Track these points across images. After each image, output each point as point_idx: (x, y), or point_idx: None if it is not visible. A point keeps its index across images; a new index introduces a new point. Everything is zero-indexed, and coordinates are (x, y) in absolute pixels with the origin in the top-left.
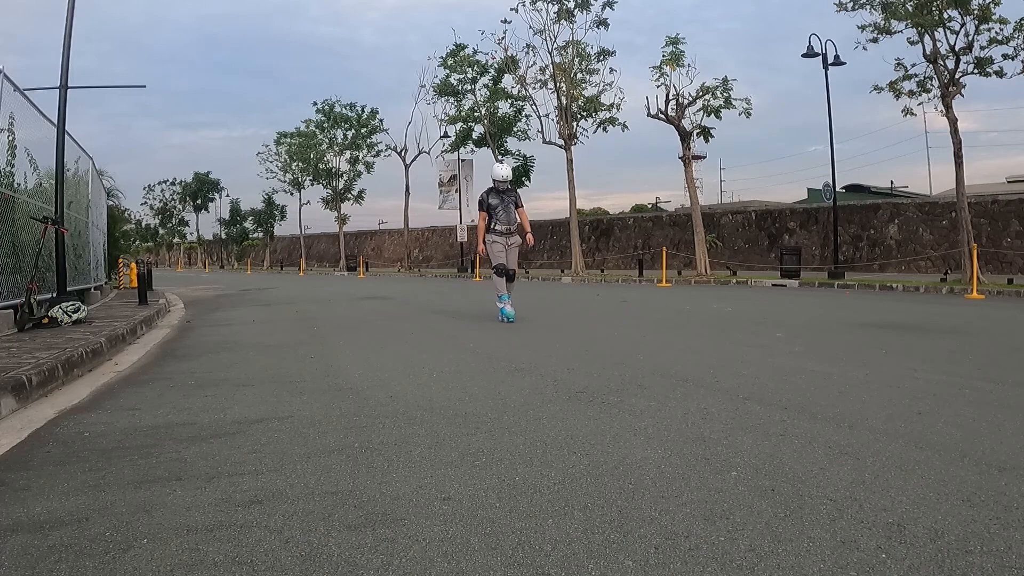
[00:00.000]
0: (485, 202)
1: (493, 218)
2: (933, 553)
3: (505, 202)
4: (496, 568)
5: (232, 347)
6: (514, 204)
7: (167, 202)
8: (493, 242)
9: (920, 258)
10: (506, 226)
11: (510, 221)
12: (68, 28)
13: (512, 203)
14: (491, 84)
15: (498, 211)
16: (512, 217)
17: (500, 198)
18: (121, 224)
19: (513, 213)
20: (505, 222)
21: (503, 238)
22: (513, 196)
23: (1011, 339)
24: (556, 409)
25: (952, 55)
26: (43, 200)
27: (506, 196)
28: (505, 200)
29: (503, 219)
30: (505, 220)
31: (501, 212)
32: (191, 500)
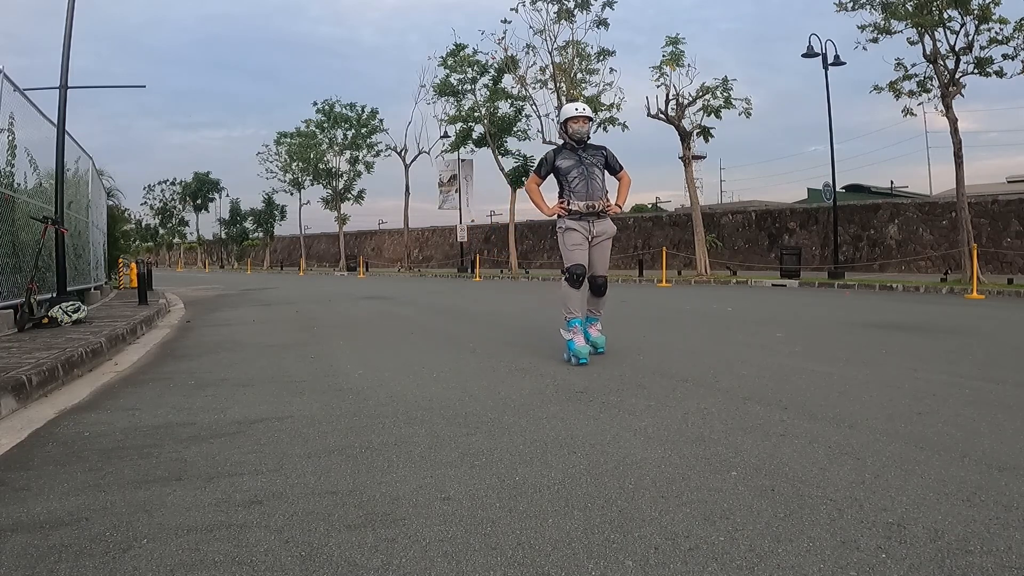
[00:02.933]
0: (548, 163)
1: (566, 189)
2: (933, 553)
3: (585, 164)
4: (496, 568)
5: (232, 347)
6: (602, 167)
7: (167, 202)
8: (567, 230)
9: (920, 258)
10: (589, 202)
11: (595, 194)
12: (68, 28)
13: (599, 165)
14: (491, 84)
15: (574, 179)
16: (598, 187)
17: (577, 158)
18: (121, 224)
19: (600, 181)
20: (586, 195)
21: (585, 224)
22: (600, 154)
23: (1011, 339)
24: (556, 409)
25: (952, 55)
26: (43, 200)
27: (587, 155)
28: (585, 161)
29: (582, 192)
30: (586, 193)
31: (579, 181)
32: (191, 500)
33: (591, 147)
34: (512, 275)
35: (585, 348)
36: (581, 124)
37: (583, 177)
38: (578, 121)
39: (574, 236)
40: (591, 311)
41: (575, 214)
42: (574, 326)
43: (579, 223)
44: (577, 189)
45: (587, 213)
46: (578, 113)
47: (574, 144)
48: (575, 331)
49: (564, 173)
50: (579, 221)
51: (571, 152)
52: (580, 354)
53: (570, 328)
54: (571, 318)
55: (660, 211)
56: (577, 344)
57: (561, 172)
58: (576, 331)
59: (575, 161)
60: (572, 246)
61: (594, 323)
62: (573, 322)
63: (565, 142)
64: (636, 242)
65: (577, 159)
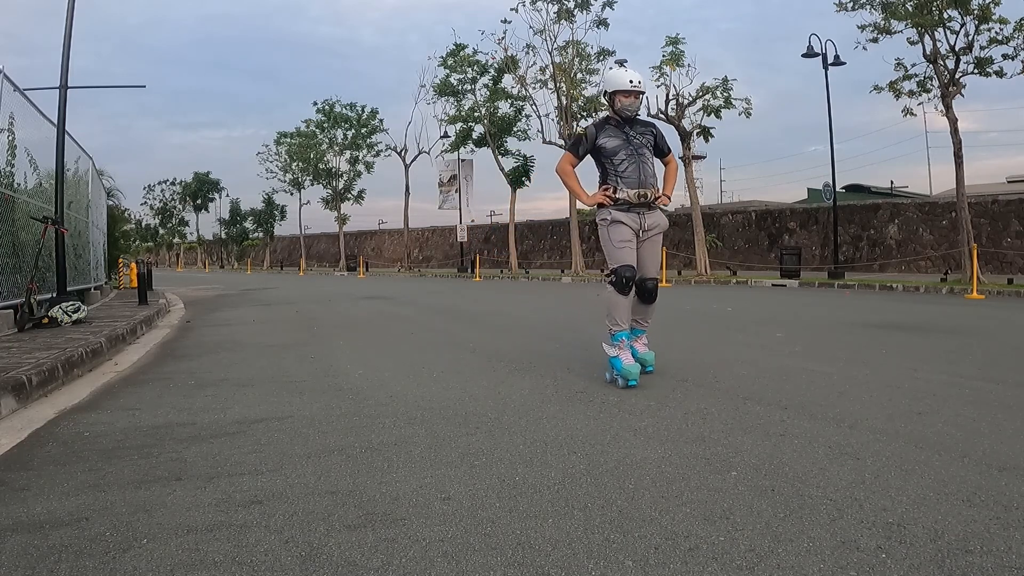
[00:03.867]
0: (590, 140)
1: (612, 173)
2: (933, 553)
3: (634, 145)
4: (496, 568)
5: (232, 347)
6: (651, 147)
7: (167, 202)
8: (613, 223)
9: (920, 258)
10: (641, 189)
11: (647, 180)
12: (68, 28)
13: (648, 146)
14: (491, 84)
15: (621, 162)
16: (650, 172)
17: (624, 137)
18: (121, 224)
19: (651, 165)
20: (636, 182)
21: (635, 216)
22: (649, 133)
23: (1011, 339)
24: (556, 409)
25: (952, 55)
26: (43, 200)
27: (635, 133)
28: (633, 142)
29: (633, 177)
30: (636, 179)
31: (628, 164)
32: (191, 500)
33: (639, 123)
34: (512, 275)
35: (635, 368)
36: (632, 100)
37: (632, 159)
38: (629, 96)
39: (622, 231)
40: (637, 321)
41: (622, 204)
42: (620, 340)
43: (627, 215)
44: (626, 173)
45: (637, 203)
46: (632, 87)
47: (619, 120)
48: (622, 347)
49: (609, 154)
50: (627, 212)
51: (616, 129)
52: (629, 375)
53: (615, 343)
54: (617, 331)
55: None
56: (625, 362)
57: (605, 152)
58: (623, 347)
59: (622, 140)
60: (620, 243)
61: (640, 336)
62: (619, 335)
63: (609, 116)
64: None
65: (625, 138)
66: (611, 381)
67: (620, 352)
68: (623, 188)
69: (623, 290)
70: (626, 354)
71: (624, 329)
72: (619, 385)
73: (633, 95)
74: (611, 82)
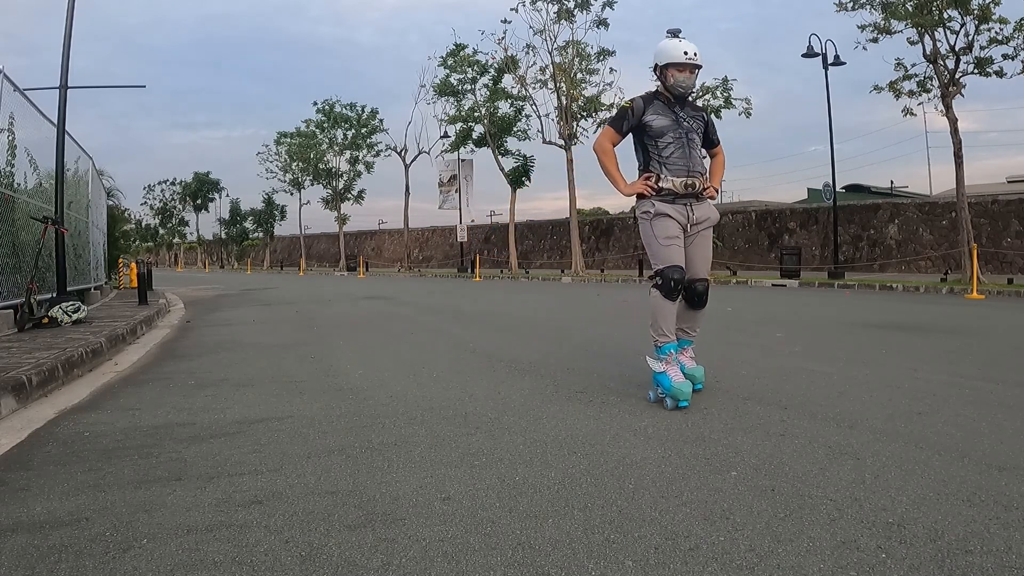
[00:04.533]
0: (636, 115)
1: (656, 158)
2: (933, 553)
3: (684, 128)
4: (496, 568)
5: (232, 347)
6: (701, 132)
7: (167, 202)
8: (658, 216)
9: (920, 258)
10: (689, 179)
11: (696, 167)
12: (68, 28)
13: (698, 131)
14: (491, 84)
15: (667, 145)
16: (699, 159)
17: (674, 117)
18: (121, 224)
19: (700, 152)
20: (683, 169)
21: (682, 208)
22: (700, 118)
23: (1011, 339)
24: (556, 409)
25: (952, 55)
26: (43, 200)
27: (686, 115)
28: (683, 124)
29: (679, 164)
30: (683, 166)
31: (674, 149)
32: (191, 500)
33: (690, 105)
34: (512, 275)
35: (687, 386)
36: (687, 75)
37: (680, 143)
38: (684, 70)
39: (667, 225)
40: (683, 330)
41: (668, 194)
42: (668, 354)
43: (674, 207)
44: (673, 159)
45: (684, 193)
46: (687, 60)
47: (670, 98)
48: (669, 361)
49: (655, 134)
50: (673, 204)
51: (666, 107)
52: (680, 395)
53: (662, 356)
54: (664, 343)
55: None
56: (675, 380)
57: (651, 132)
58: (671, 361)
59: (671, 121)
60: (666, 240)
61: (687, 347)
62: (667, 348)
63: (658, 92)
64: (636, 242)
65: (674, 118)
66: (655, 401)
67: (668, 367)
68: (668, 176)
69: (671, 295)
70: (675, 370)
71: (672, 341)
72: (667, 406)
73: (688, 69)
74: (663, 54)
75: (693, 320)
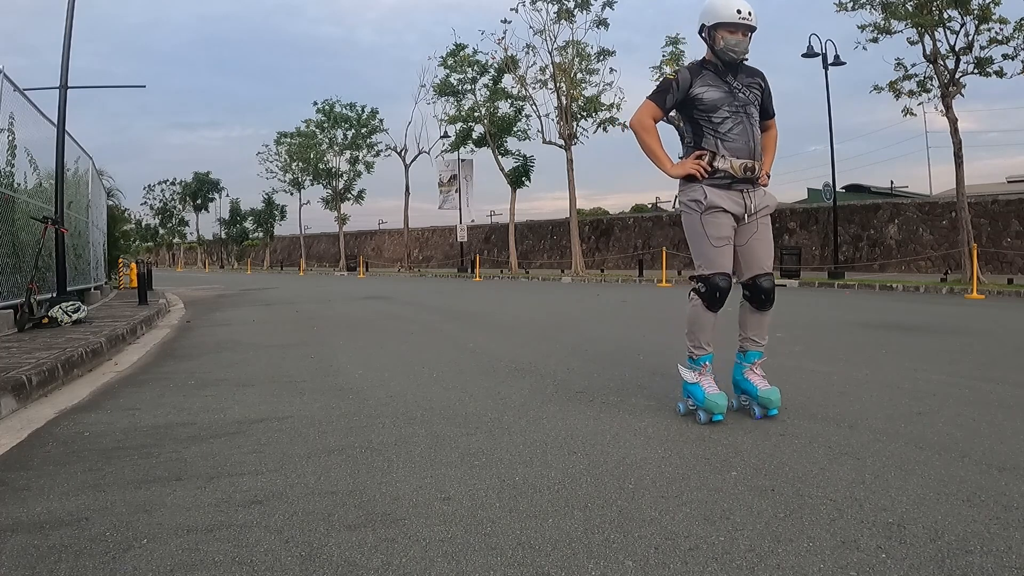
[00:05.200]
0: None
1: (710, 135)
2: (933, 553)
3: (740, 101)
4: (496, 568)
5: (232, 347)
6: (758, 104)
7: (167, 202)
8: (710, 209)
9: (920, 258)
10: (749, 160)
11: (755, 149)
12: (68, 28)
13: (755, 103)
14: (491, 84)
15: (723, 120)
16: (758, 139)
17: (727, 88)
18: (121, 224)
19: (757, 132)
20: (744, 149)
21: (737, 196)
22: (757, 85)
23: (1011, 339)
24: (556, 409)
25: (952, 55)
26: (43, 200)
27: (740, 85)
28: (739, 96)
29: (740, 142)
30: (744, 144)
31: (733, 124)
32: (191, 500)
33: (744, 72)
34: (512, 275)
35: (721, 399)
36: (740, 37)
37: (738, 118)
38: (736, 32)
39: (720, 223)
40: (748, 339)
41: (723, 177)
42: (703, 365)
43: (727, 195)
44: (732, 135)
45: (742, 178)
46: (741, 20)
47: (721, 65)
48: (704, 372)
49: (707, 108)
50: (727, 191)
51: (716, 77)
52: (715, 408)
53: (696, 367)
54: (700, 354)
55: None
56: (708, 391)
57: (702, 106)
58: (706, 371)
59: (725, 92)
60: (719, 240)
61: (756, 360)
62: (703, 359)
63: (706, 60)
64: (636, 242)
65: (728, 90)
66: (686, 413)
67: (701, 378)
68: (725, 155)
69: (714, 305)
70: (708, 380)
71: (709, 352)
72: (700, 420)
73: (741, 31)
74: (711, 12)
75: (760, 326)
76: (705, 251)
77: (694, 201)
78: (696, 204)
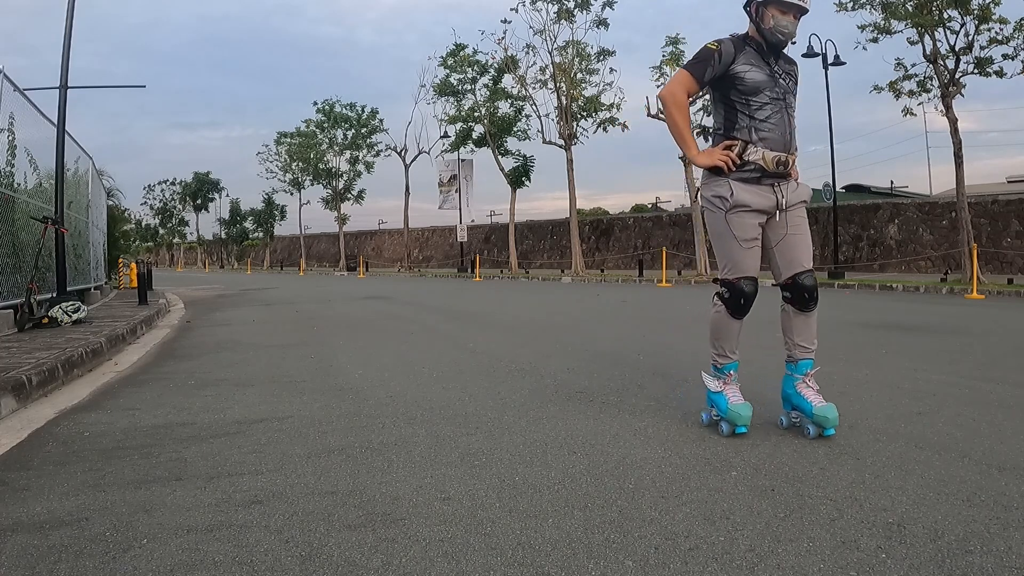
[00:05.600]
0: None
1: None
2: (933, 553)
3: (780, 88)
4: (496, 568)
5: (232, 347)
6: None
7: (167, 202)
8: (736, 209)
9: (920, 258)
10: (782, 154)
11: (790, 142)
12: (68, 28)
13: (793, 92)
14: (491, 84)
15: (762, 105)
16: (792, 132)
17: (770, 72)
18: (121, 224)
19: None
20: (780, 142)
21: (769, 191)
22: (794, 77)
23: (1011, 339)
24: (556, 409)
25: (952, 55)
26: (43, 200)
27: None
28: (780, 83)
29: (776, 133)
30: (780, 137)
31: (771, 112)
32: (191, 500)
33: (784, 56)
34: (512, 275)
35: (746, 409)
36: (792, 19)
37: (778, 106)
38: (789, 12)
39: (746, 223)
40: (797, 345)
41: (753, 169)
42: (727, 373)
43: (756, 190)
44: (768, 124)
45: (773, 172)
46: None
47: (764, 45)
48: (728, 381)
49: (748, 90)
50: (757, 186)
51: (759, 58)
52: (738, 419)
53: (721, 375)
54: (725, 362)
55: (660, 211)
56: (732, 400)
57: (742, 86)
58: (731, 380)
59: (767, 76)
60: (747, 242)
61: (809, 370)
62: (728, 367)
63: (749, 36)
64: (636, 242)
65: (770, 73)
66: (709, 423)
67: (725, 387)
68: (758, 147)
69: (738, 312)
70: (733, 390)
71: (734, 360)
72: (722, 432)
73: (793, 12)
74: None
75: (808, 329)
76: (731, 253)
77: (719, 198)
78: (721, 201)
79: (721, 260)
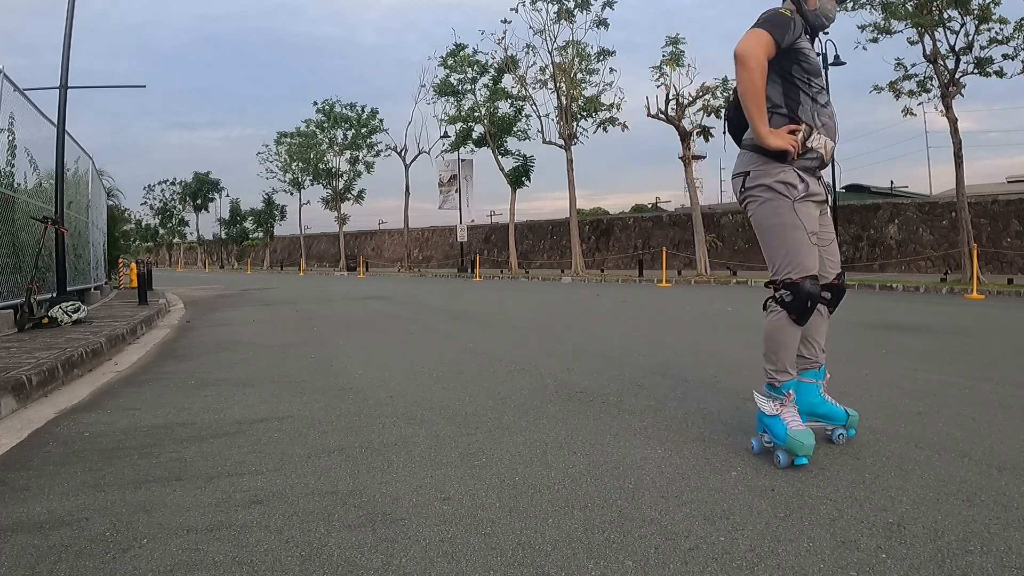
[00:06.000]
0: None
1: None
2: (933, 553)
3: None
4: (496, 568)
5: (232, 347)
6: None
7: (167, 202)
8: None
9: (920, 258)
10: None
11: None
12: (68, 28)
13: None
14: (491, 84)
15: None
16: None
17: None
18: (121, 224)
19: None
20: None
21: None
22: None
23: (1011, 339)
24: (556, 409)
25: (952, 55)
26: (43, 200)
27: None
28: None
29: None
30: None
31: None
32: (191, 500)
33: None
34: (512, 275)
35: (807, 436)
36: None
37: (827, 95)
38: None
39: (812, 214)
40: (821, 348)
41: (812, 159)
42: (786, 393)
43: (816, 183)
44: (828, 111)
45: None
46: None
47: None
48: (787, 402)
49: (811, 71)
50: (816, 179)
51: (808, 40)
52: (799, 448)
53: (779, 396)
54: (784, 379)
55: (660, 211)
56: (791, 426)
57: (807, 64)
58: (789, 402)
59: (817, 60)
60: (813, 234)
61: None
62: (787, 386)
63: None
64: (636, 242)
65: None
66: (760, 452)
67: (783, 410)
68: (821, 134)
69: (803, 317)
70: (792, 413)
71: (792, 377)
72: (779, 463)
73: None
74: None
75: (825, 331)
76: (796, 247)
77: (785, 184)
78: (788, 188)
79: (780, 258)
